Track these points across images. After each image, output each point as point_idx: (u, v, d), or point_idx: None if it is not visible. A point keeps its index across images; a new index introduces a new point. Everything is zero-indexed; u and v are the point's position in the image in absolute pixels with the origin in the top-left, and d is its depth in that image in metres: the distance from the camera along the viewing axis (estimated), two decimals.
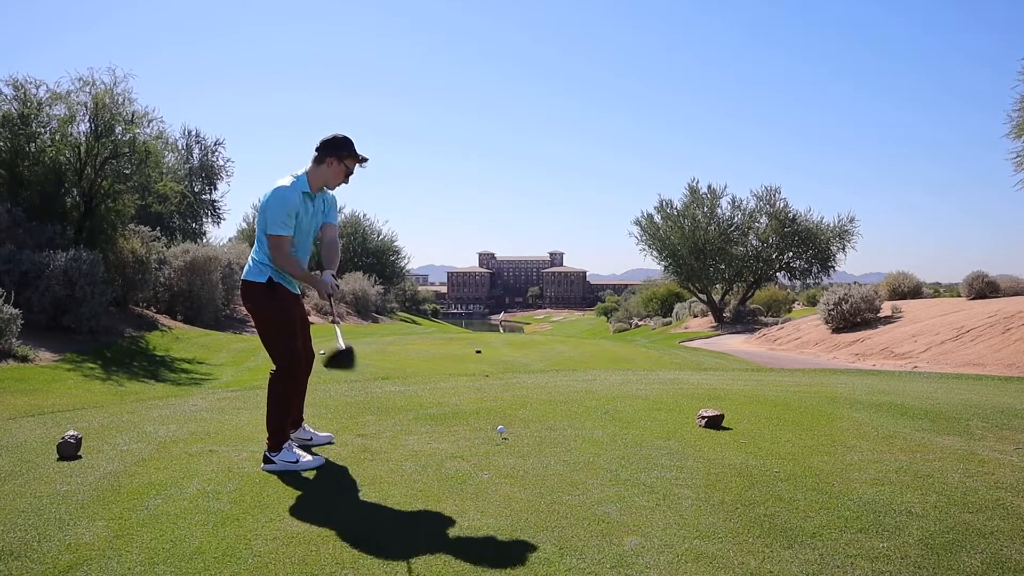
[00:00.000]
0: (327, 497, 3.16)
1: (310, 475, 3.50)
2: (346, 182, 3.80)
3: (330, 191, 3.87)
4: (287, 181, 3.63)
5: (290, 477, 3.45)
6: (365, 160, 3.78)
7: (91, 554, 2.52)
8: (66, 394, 9.58)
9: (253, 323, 3.84)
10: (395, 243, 44.62)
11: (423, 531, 2.75)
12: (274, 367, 3.72)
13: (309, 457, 3.70)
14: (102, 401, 8.12)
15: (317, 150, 3.70)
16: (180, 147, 25.96)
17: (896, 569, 2.40)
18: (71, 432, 3.89)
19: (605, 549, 2.55)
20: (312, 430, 4.15)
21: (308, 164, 3.74)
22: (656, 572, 2.38)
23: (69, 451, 3.77)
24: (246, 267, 3.76)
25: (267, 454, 3.64)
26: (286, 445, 3.67)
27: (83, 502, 3.05)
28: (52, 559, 2.48)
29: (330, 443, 4.09)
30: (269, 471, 3.57)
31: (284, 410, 3.69)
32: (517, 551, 2.54)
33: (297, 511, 2.97)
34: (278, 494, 3.18)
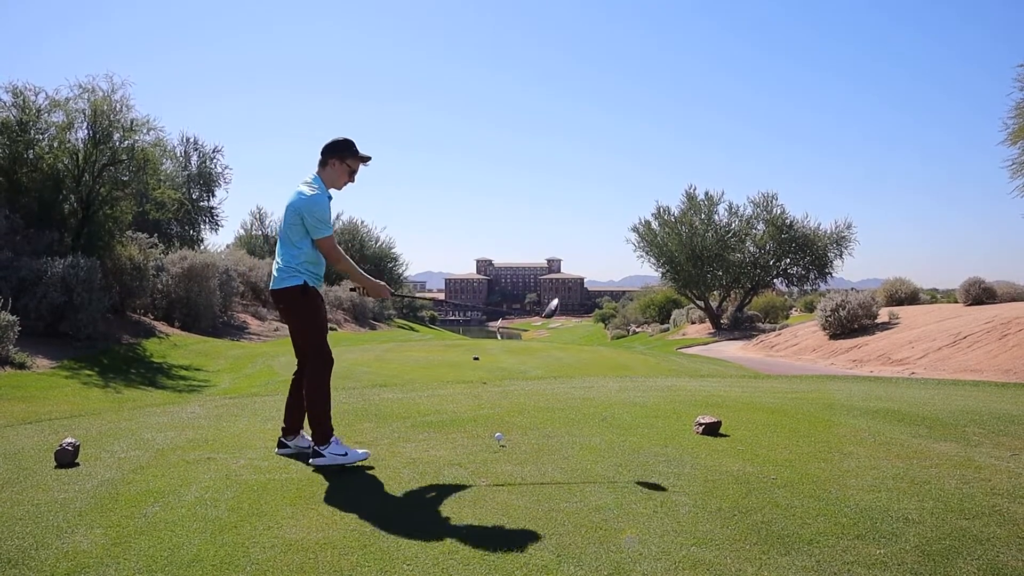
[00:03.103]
0: (325, 505, 3.16)
1: (307, 483, 3.50)
2: (351, 181, 3.95)
3: (338, 190, 3.99)
4: (308, 188, 3.77)
5: (288, 486, 3.44)
6: (368, 159, 3.92)
7: (89, 562, 2.51)
8: (63, 401, 9.56)
9: (289, 326, 3.98)
10: (393, 250, 44.74)
11: (421, 539, 2.75)
12: (311, 364, 3.83)
13: (360, 451, 3.85)
14: (100, 408, 8.09)
15: (321, 154, 3.87)
16: (178, 154, 26.03)
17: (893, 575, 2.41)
18: (68, 439, 3.88)
19: (603, 556, 2.56)
20: (310, 438, 4.14)
21: (316, 169, 3.89)
22: None
23: (67, 458, 3.76)
24: (276, 274, 3.85)
25: (315, 448, 3.76)
26: (334, 439, 3.79)
27: (81, 510, 3.05)
28: (50, 567, 2.47)
29: None
30: (318, 465, 3.72)
31: (327, 401, 3.81)
32: (515, 558, 2.55)
33: (295, 519, 2.97)
34: (276, 502, 3.18)
